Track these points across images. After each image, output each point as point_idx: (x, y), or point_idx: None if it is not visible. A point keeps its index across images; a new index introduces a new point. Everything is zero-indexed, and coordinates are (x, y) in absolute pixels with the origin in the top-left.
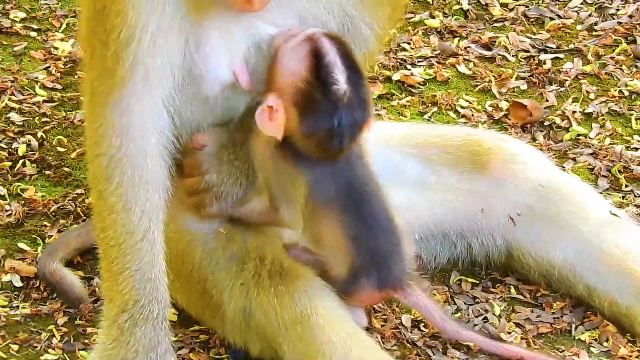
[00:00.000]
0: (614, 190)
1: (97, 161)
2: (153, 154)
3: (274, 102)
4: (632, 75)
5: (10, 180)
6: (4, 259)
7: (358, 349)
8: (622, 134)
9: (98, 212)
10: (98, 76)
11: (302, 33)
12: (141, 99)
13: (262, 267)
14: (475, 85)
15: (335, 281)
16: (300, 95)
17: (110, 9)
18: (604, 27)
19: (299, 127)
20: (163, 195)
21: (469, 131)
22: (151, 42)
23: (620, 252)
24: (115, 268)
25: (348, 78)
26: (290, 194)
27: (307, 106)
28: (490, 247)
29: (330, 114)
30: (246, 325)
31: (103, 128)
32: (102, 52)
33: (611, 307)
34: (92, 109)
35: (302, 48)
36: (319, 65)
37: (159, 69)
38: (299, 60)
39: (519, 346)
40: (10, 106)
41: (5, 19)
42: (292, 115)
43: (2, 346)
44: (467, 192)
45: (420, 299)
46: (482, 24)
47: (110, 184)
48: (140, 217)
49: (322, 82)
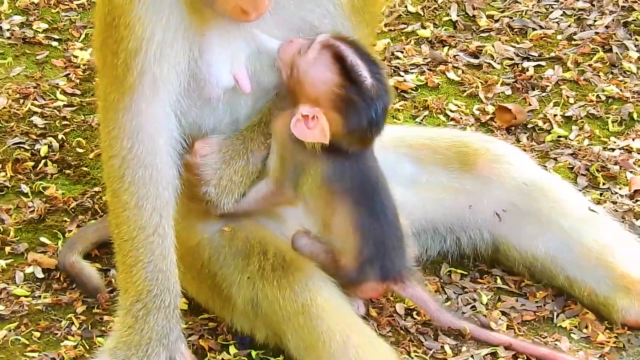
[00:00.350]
0: (592, 188)
1: (110, 162)
2: (162, 154)
3: (310, 111)
4: (609, 81)
5: (33, 179)
6: (27, 252)
7: (356, 336)
8: (600, 135)
9: (113, 210)
10: (110, 84)
11: (316, 42)
12: (150, 104)
13: (266, 261)
14: (463, 91)
15: (342, 271)
16: (338, 99)
17: (119, 22)
18: (583, 37)
19: (342, 127)
20: (173, 192)
21: (458, 133)
22: (157, 51)
23: (599, 245)
24: (129, 261)
25: (370, 71)
26: (302, 178)
27: (347, 107)
28: (478, 241)
29: (368, 108)
30: (254, 315)
31: (115, 131)
32: (113, 62)
33: (590, 297)
34: (105, 114)
35: (324, 56)
36: (346, 68)
37: (165, 76)
38: (327, 68)
39: (507, 334)
40: (33, 110)
41: (28, 29)
42: (333, 118)
43: (24, 333)
44: (456, 190)
45: (416, 291)
46: (469, 34)
47: (123, 183)
48: (151, 213)
49: (353, 82)
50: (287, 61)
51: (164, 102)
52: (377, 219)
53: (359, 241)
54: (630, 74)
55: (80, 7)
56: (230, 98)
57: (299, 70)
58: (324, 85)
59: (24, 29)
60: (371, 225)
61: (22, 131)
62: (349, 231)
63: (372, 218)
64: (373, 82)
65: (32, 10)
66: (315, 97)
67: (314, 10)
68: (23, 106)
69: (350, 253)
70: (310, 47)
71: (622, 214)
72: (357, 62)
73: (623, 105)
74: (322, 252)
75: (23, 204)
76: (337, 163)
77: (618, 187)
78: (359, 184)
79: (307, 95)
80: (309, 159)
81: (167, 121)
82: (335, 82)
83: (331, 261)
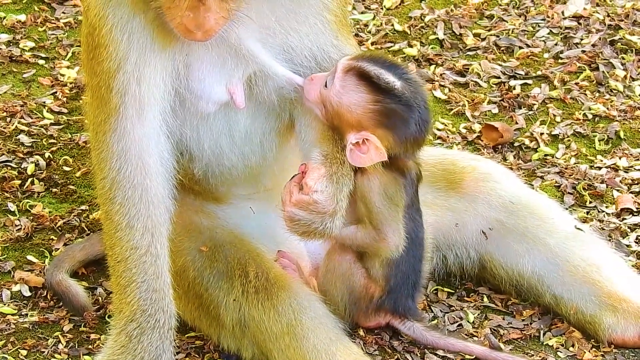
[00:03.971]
0: (578, 206)
1: (101, 184)
2: (152, 174)
3: (359, 137)
4: (595, 99)
5: (19, 197)
6: (14, 270)
7: (342, 354)
8: (586, 154)
9: (106, 231)
10: (96, 105)
11: (338, 70)
12: (135, 124)
13: (248, 284)
14: (450, 109)
15: (369, 299)
16: (378, 114)
17: (98, 42)
18: (569, 55)
19: (394, 139)
20: (165, 212)
21: (444, 152)
22: (136, 71)
23: (585, 264)
24: (123, 281)
25: (396, 74)
26: (395, 212)
27: (389, 118)
28: (464, 259)
29: (410, 109)
30: (241, 334)
31: (104, 153)
32: (97, 82)
33: (576, 315)
34: (94, 135)
35: (349, 81)
36: (374, 82)
37: (148, 96)
38: (357, 90)
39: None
40: (20, 128)
41: (15, 48)
42: (382, 135)
43: (12, 351)
44: (443, 208)
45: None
46: (456, 52)
47: (114, 204)
48: (143, 233)
49: (385, 92)
50: (317, 100)
51: (151, 122)
52: (411, 250)
53: (392, 273)
54: (617, 92)
55: (67, 25)
56: (227, 114)
57: (332, 103)
58: (360, 108)
59: (11, 47)
60: (408, 253)
61: (9, 149)
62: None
63: (412, 246)
64: (403, 84)
65: (19, 28)
66: (357, 122)
67: (299, 30)
68: (10, 124)
69: (382, 282)
70: (334, 77)
71: (608, 232)
72: (381, 72)
73: (610, 124)
74: (358, 276)
75: (10, 222)
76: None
77: (605, 205)
78: (410, 204)
79: (349, 123)
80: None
81: (155, 141)
82: (369, 100)
83: (362, 287)
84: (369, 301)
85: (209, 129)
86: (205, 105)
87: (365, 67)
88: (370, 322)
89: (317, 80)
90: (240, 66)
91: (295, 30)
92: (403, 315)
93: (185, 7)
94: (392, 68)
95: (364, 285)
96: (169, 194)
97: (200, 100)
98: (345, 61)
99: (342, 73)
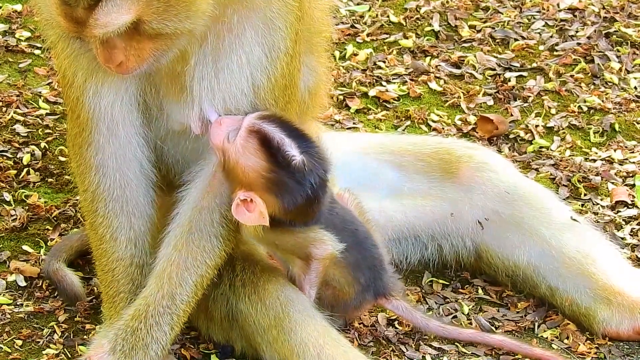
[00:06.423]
0: (573, 198)
1: (83, 197)
2: (132, 186)
3: (246, 196)
4: (591, 92)
5: (15, 187)
6: (10, 260)
7: (330, 347)
8: (581, 146)
9: (92, 243)
10: (70, 119)
11: (242, 127)
12: (109, 138)
13: (235, 277)
14: (445, 101)
15: (343, 303)
16: (269, 182)
17: (59, 64)
18: (565, 48)
19: (279, 207)
20: (147, 222)
21: (441, 140)
22: (98, 89)
23: (581, 256)
24: (111, 292)
25: (299, 147)
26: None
27: (279, 188)
28: (460, 249)
29: (301, 185)
30: (229, 327)
31: (82, 167)
32: (68, 94)
33: (571, 307)
34: (72, 147)
35: (250, 143)
36: (272, 151)
37: (116, 111)
38: (254, 155)
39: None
40: (15, 118)
41: (11, 38)
42: (269, 200)
43: (7, 341)
44: (438, 197)
45: (399, 302)
46: (451, 44)
47: (97, 216)
48: (126, 244)
49: (281, 164)
50: (219, 147)
51: (126, 136)
52: (363, 247)
53: (354, 274)
54: (612, 84)
55: None
56: (191, 134)
57: (230, 159)
58: (254, 173)
59: (7, 37)
60: (360, 254)
61: (4, 139)
62: (345, 271)
63: (359, 248)
64: (303, 158)
65: (15, 18)
66: (248, 183)
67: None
68: (5, 114)
69: (350, 286)
70: (237, 134)
71: (603, 225)
72: (284, 142)
73: (605, 116)
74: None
75: (5, 212)
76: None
77: (599, 198)
78: (341, 226)
79: (241, 181)
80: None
81: (132, 153)
82: (264, 168)
83: (332, 297)
84: (347, 303)
85: (177, 145)
86: (172, 125)
87: (270, 133)
88: (360, 313)
89: (225, 126)
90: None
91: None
92: (386, 295)
93: (94, 42)
94: (298, 139)
95: (331, 295)
96: (150, 203)
97: (168, 119)
98: (253, 119)
99: (246, 132)
